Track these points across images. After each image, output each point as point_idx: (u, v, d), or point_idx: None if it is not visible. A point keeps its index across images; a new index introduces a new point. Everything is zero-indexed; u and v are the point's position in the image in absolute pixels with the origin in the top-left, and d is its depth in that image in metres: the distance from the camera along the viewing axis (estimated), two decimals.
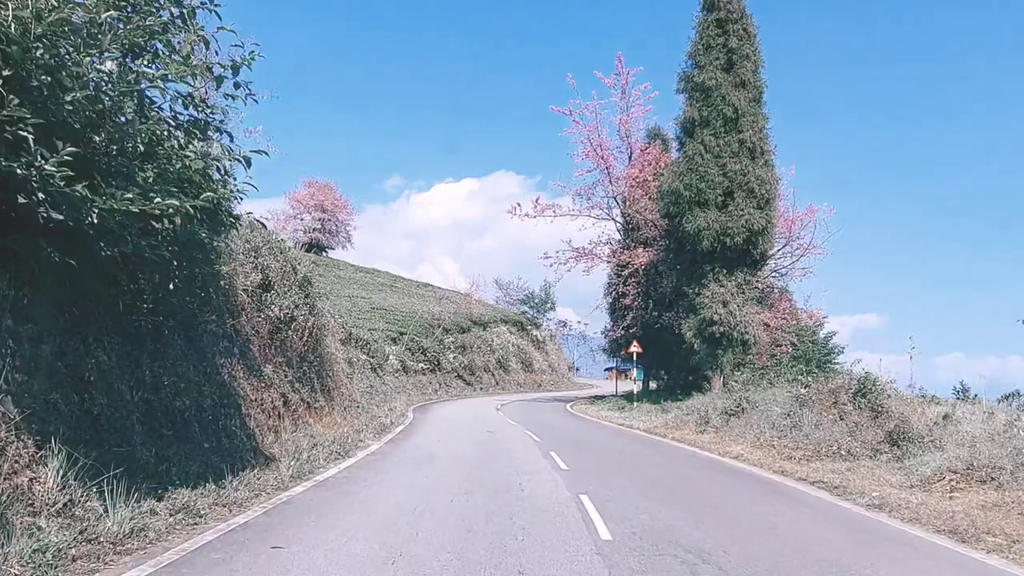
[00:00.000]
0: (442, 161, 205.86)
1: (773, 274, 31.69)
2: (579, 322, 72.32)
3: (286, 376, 15.96)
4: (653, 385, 38.80)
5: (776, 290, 32.61)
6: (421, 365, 43.95)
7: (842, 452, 13.92)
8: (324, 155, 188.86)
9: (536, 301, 68.19)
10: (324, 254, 71.43)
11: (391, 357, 39.95)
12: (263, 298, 15.10)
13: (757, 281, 27.67)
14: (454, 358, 48.68)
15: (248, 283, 14.33)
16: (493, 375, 53.29)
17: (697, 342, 26.73)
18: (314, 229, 72.36)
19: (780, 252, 30.66)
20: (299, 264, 17.62)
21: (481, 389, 49.50)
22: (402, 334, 43.79)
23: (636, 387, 35.25)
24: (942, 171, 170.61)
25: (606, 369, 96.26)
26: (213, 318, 12.46)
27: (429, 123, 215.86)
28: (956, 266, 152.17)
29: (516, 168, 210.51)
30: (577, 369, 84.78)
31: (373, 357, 36.45)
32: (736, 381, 26.07)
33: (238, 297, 14.09)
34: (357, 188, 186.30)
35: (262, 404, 14.09)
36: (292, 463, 10.59)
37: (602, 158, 33.61)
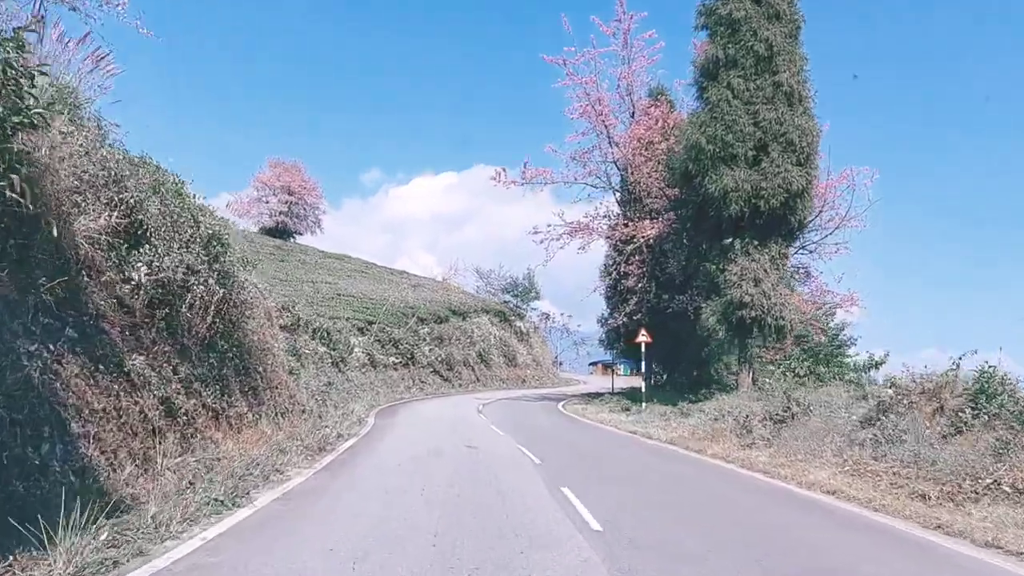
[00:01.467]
0: (420, 155, 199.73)
1: (801, 250, 27.12)
2: (563, 314, 67.96)
3: (176, 372, 10.95)
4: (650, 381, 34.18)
5: (802, 269, 28.11)
6: (392, 359, 38.84)
7: (1006, 488, 9.20)
8: (301, 148, 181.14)
9: (520, 290, 63.24)
10: (292, 239, 66.13)
11: (356, 349, 34.84)
12: (128, 254, 10.03)
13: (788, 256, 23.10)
14: (430, 351, 43.63)
15: (96, 227, 9.23)
16: (473, 370, 48.34)
17: (722, 329, 22.02)
18: (280, 212, 66.96)
19: (812, 223, 26.01)
20: (203, 215, 12.54)
21: (460, 385, 44.56)
22: (371, 324, 38.70)
23: (638, 382, 30.58)
24: (939, 171, 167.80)
25: (591, 364, 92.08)
26: (4, 275, 7.44)
27: (410, 117, 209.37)
28: (935, 265, 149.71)
29: (496, 162, 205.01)
30: (560, 364, 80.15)
31: (335, 349, 31.34)
32: (770, 378, 21.44)
33: (79, 249, 9.03)
34: (334, 181, 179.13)
35: (122, 416, 9.07)
36: (82, 541, 5.60)
37: (601, 116, 28.70)
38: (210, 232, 12.74)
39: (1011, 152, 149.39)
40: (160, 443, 9.74)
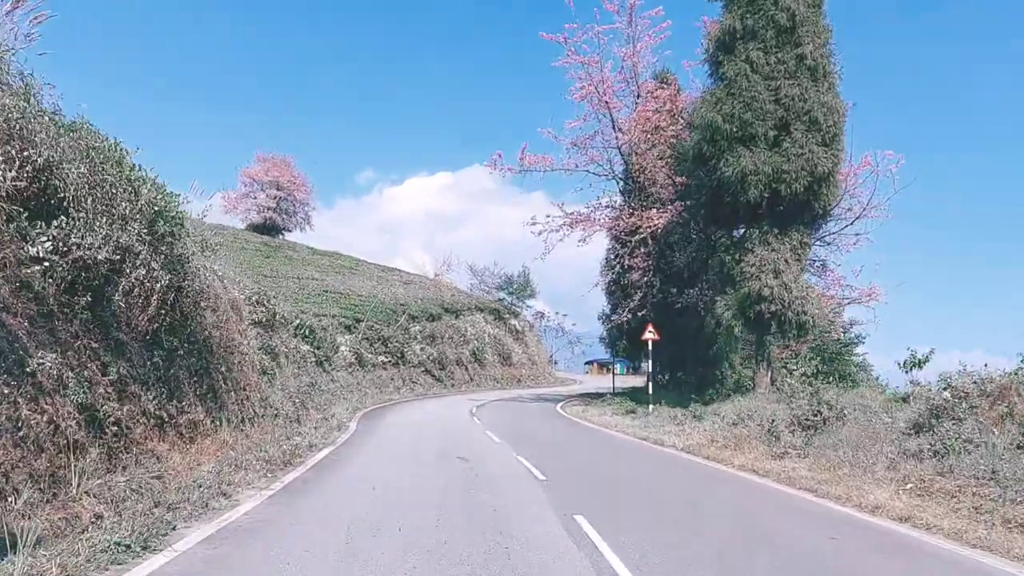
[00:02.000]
0: (414, 154, 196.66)
1: (817, 242, 25.27)
2: (558, 313, 66.27)
3: (105, 373, 9.06)
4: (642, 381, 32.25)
5: (817, 261, 26.30)
6: (381, 358, 36.92)
7: None
8: (294, 148, 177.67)
9: (515, 287, 61.29)
10: (281, 236, 63.91)
11: (343, 348, 32.89)
12: (32, 225, 8.07)
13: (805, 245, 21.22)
14: (421, 350, 41.71)
15: None
16: (467, 369, 46.44)
17: (738, 325, 20.18)
18: (269, 208, 64.66)
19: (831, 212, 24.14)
20: (146, 187, 10.56)
21: (452, 385, 42.66)
22: (359, 321, 36.72)
23: (636, 381, 28.74)
24: (936, 168, 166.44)
25: (586, 363, 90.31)
26: None
27: (402, 115, 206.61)
28: (924, 262, 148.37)
29: (490, 161, 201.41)
30: (555, 363, 78.34)
31: (319, 348, 29.39)
32: (793, 378, 19.56)
33: None
34: (328, 182, 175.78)
35: (21, 428, 7.21)
36: None
37: (604, 98, 26.74)
38: (156, 208, 10.78)
39: (1008, 147, 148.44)
40: (77, 460, 7.85)
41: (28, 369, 7.56)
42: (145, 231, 10.27)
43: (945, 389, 12.26)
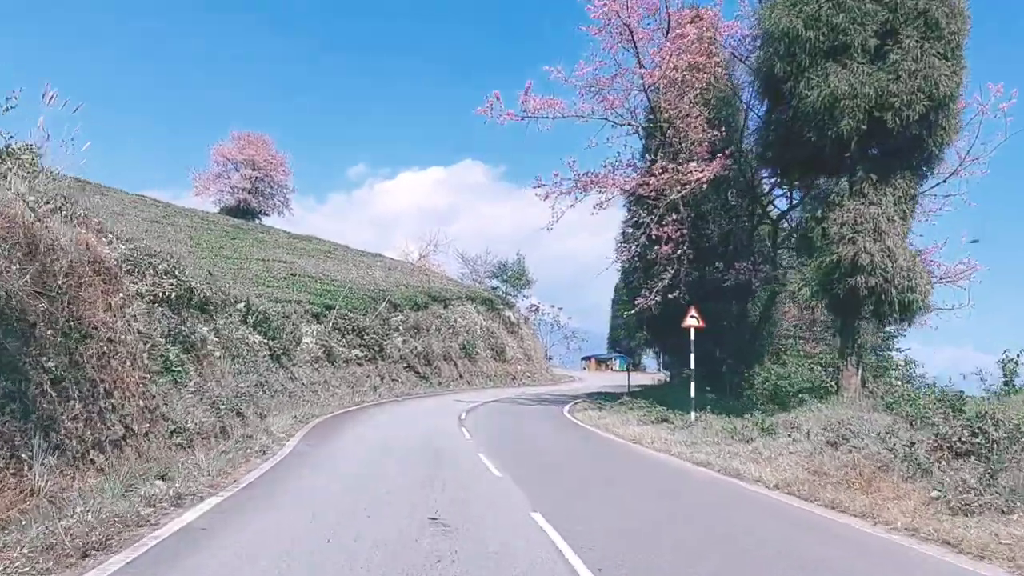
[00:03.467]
0: (406, 149, 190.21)
1: None
2: (553, 307, 61.47)
3: None
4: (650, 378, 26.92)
5: None
6: (355, 352, 31.48)
7: None
8: (289, 144, 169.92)
9: (509, 275, 55.87)
10: (257, 220, 58.33)
11: (307, 339, 27.48)
12: None
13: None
14: (404, 343, 36.30)
15: None
16: (456, 365, 41.05)
17: (822, 305, 14.94)
18: (243, 190, 59.00)
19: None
20: None
21: (440, 384, 37.32)
22: (329, 308, 31.25)
23: (639, 378, 23.36)
24: None
25: (583, 359, 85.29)
26: None
27: (395, 111, 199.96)
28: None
29: (485, 159, 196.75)
30: (550, 358, 73.20)
31: (275, 339, 24.02)
32: (891, 376, 14.39)
33: None
34: (319, 177, 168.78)
35: None
36: None
37: (627, 23, 21.26)
38: None
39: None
40: None
41: None
42: None
43: None
